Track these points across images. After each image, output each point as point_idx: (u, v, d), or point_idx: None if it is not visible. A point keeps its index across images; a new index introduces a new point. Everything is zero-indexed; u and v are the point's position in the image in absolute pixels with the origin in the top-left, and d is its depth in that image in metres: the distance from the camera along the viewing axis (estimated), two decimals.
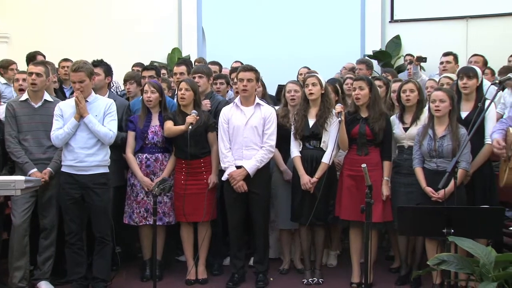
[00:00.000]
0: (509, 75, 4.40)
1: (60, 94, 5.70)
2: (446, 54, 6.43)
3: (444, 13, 9.06)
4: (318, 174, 4.69)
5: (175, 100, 5.22)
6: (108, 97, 4.93)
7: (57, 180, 4.54)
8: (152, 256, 4.78)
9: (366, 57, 8.26)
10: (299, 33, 9.71)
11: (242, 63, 6.64)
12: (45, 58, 6.37)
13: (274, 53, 9.49)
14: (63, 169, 4.45)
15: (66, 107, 4.47)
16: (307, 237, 4.90)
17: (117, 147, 4.87)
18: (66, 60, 6.37)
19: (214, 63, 6.73)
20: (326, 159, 4.70)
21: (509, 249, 4.48)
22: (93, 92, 4.55)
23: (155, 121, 4.91)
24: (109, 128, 4.44)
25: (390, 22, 9.39)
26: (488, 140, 4.38)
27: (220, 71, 6.57)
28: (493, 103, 4.38)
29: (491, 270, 3.00)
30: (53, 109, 4.52)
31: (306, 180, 4.67)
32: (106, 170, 4.53)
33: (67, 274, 4.62)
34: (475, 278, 3.15)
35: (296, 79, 6.15)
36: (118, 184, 5.00)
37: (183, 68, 5.74)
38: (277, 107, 5.36)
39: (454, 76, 5.18)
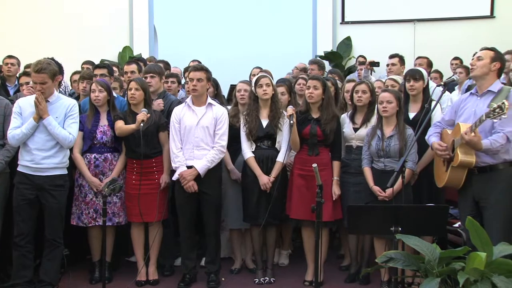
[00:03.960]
0: (453, 77, 4.56)
1: (3, 92, 5.51)
2: (392, 56, 6.56)
3: (393, 16, 9.30)
4: (275, 173, 4.73)
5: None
6: None
7: (1, 181, 4.39)
8: (101, 257, 4.69)
9: (318, 58, 8.35)
10: (251, 33, 9.75)
11: (200, 62, 6.61)
12: None
13: (227, 53, 9.51)
14: (19, 168, 4.33)
15: (25, 105, 4.33)
16: (259, 237, 4.92)
17: None
18: (10, 57, 6.19)
19: (162, 61, 6.65)
20: (281, 158, 4.75)
21: (453, 246, 4.62)
22: (55, 92, 4.42)
23: (103, 121, 4.82)
24: (69, 131, 4.32)
25: (341, 23, 9.55)
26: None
27: (168, 69, 6.50)
28: (438, 104, 4.51)
29: (435, 266, 3.09)
30: None
31: (266, 180, 4.70)
32: (64, 171, 4.42)
33: (11, 278, 4.46)
34: (421, 274, 3.24)
35: (248, 79, 6.16)
36: None
37: (133, 67, 5.67)
38: (229, 107, 5.36)
39: (399, 78, 5.30)
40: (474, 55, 4.11)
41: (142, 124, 4.56)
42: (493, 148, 3.77)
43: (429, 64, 7.04)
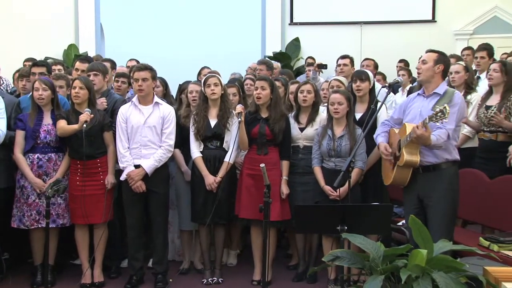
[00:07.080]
0: (396, 78, 4.68)
1: None
2: (343, 57, 6.64)
3: (340, 18, 9.47)
4: (221, 173, 4.72)
5: None
6: None
7: None
8: (44, 260, 4.55)
9: (267, 58, 8.38)
10: (200, 33, 9.72)
11: (137, 61, 6.50)
12: None
13: (175, 52, 9.44)
14: None
15: None
16: (206, 236, 4.90)
17: (5, 147, 4.58)
18: None
19: (107, 60, 6.49)
20: (228, 158, 4.74)
21: (397, 244, 4.73)
22: None
23: (47, 120, 4.68)
24: None
25: (289, 24, 9.63)
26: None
27: (114, 69, 6.35)
28: (384, 104, 4.62)
29: (379, 264, 3.15)
30: None
31: (211, 180, 4.68)
32: None
33: None
34: (366, 272, 3.30)
35: (197, 79, 6.12)
36: (6, 186, 4.70)
37: (86, 66, 5.50)
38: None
39: (343, 79, 5.39)
40: (420, 58, 4.22)
41: (85, 125, 4.45)
42: (438, 143, 3.88)
43: (376, 66, 7.19)
